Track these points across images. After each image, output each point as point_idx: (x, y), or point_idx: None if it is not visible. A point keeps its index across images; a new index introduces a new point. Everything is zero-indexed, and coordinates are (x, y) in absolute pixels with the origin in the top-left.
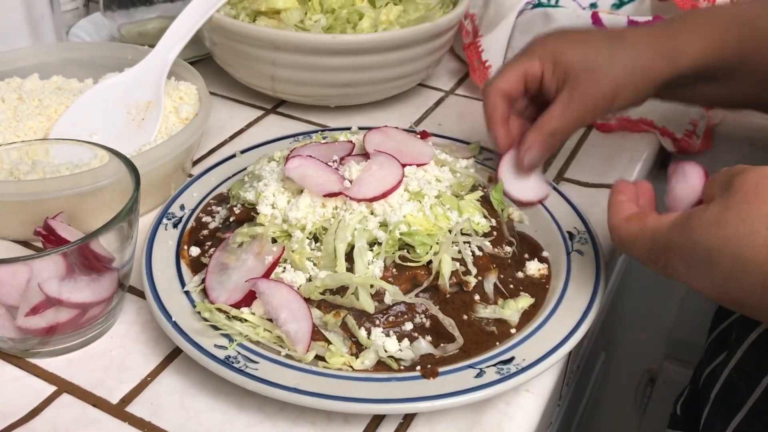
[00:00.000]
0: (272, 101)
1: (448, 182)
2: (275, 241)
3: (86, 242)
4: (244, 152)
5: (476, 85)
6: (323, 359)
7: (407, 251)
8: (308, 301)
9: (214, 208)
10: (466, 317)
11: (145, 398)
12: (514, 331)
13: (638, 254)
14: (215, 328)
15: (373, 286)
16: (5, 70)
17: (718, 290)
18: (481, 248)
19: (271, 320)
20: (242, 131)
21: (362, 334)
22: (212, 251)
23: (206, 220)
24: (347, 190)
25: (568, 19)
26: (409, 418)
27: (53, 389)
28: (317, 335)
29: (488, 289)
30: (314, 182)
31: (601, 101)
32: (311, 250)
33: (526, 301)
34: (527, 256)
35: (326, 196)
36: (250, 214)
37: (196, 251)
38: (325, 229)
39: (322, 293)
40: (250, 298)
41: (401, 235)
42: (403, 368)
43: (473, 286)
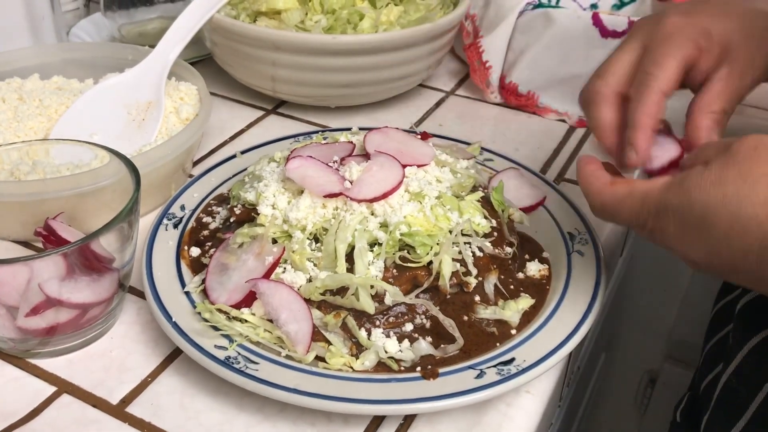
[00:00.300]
0: (273, 102)
1: (448, 183)
2: (275, 241)
3: (87, 243)
4: (244, 153)
5: (477, 85)
6: (323, 360)
7: (407, 252)
8: (308, 301)
9: (214, 208)
10: (466, 318)
11: (145, 399)
12: (514, 332)
13: (625, 218)
14: (215, 328)
15: (373, 286)
16: (6, 70)
17: (709, 254)
18: (481, 249)
19: (271, 321)
20: (243, 132)
21: (362, 334)
22: (212, 252)
23: (207, 220)
24: (348, 190)
25: (568, 19)
26: (409, 419)
27: (53, 390)
28: (317, 336)
29: (489, 289)
30: (315, 183)
31: (760, 71)
32: (311, 250)
33: (526, 302)
34: (528, 256)
35: (327, 196)
36: (250, 214)
37: (196, 252)
38: (325, 229)
39: (322, 294)
40: (250, 298)
41: (402, 235)
42: (403, 369)
43: (473, 286)
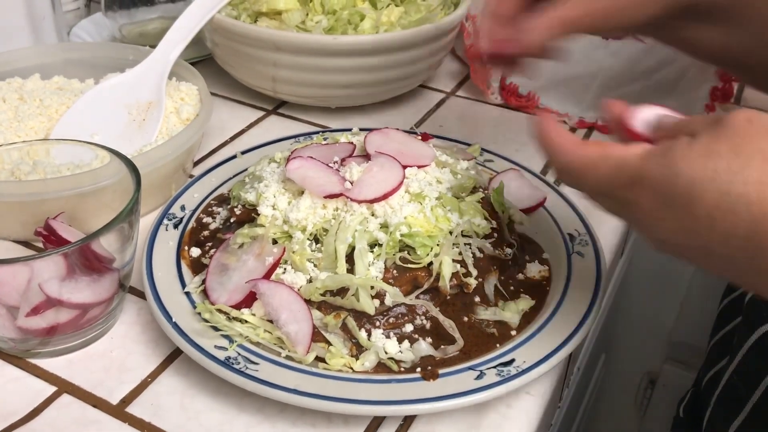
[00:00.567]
0: (273, 102)
1: (448, 184)
2: (276, 242)
3: (87, 243)
4: (244, 153)
5: (477, 86)
6: (323, 360)
7: (408, 253)
8: (308, 302)
9: (214, 208)
10: (466, 319)
11: (145, 399)
12: (514, 333)
13: (592, 185)
14: (215, 329)
15: (373, 287)
16: (6, 70)
17: (685, 234)
18: (481, 250)
19: (271, 321)
20: (243, 132)
21: (362, 335)
22: (213, 252)
23: (207, 220)
24: (348, 191)
25: None
26: (409, 419)
27: (53, 390)
28: (317, 336)
29: (489, 290)
30: (315, 183)
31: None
32: (312, 251)
33: (526, 303)
34: (528, 257)
35: (327, 197)
36: (250, 215)
37: (196, 252)
38: (325, 230)
39: (322, 294)
40: (250, 299)
41: (402, 236)
42: (403, 370)
43: (474, 287)
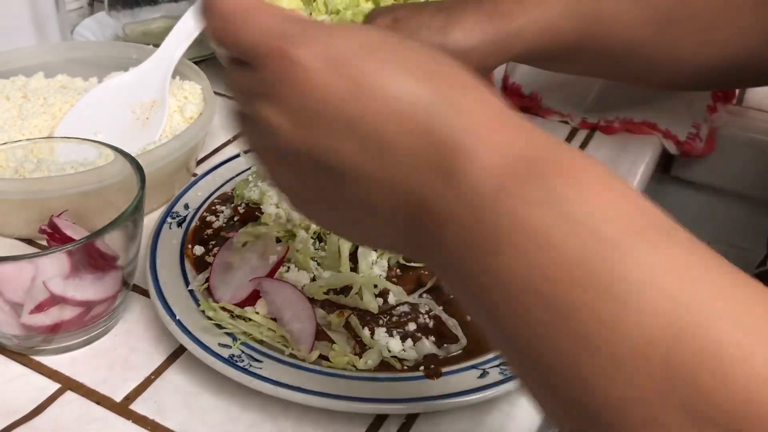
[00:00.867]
0: None
1: None
2: (279, 240)
3: (91, 240)
4: (248, 152)
5: None
6: (327, 359)
7: None
8: (312, 300)
9: (218, 207)
10: (469, 317)
11: (148, 396)
12: None
13: (252, 37)
14: (219, 326)
15: (377, 286)
16: (10, 68)
17: (296, 125)
18: None
19: (275, 319)
20: None
21: (366, 333)
22: (216, 250)
23: (210, 219)
24: None
25: None
26: (411, 417)
27: (57, 387)
28: (321, 335)
29: None
30: None
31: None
32: (315, 249)
33: None
34: None
35: None
36: (254, 213)
37: (200, 250)
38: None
39: (326, 293)
40: (254, 297)
41: None
42: (406, 368)
43: None
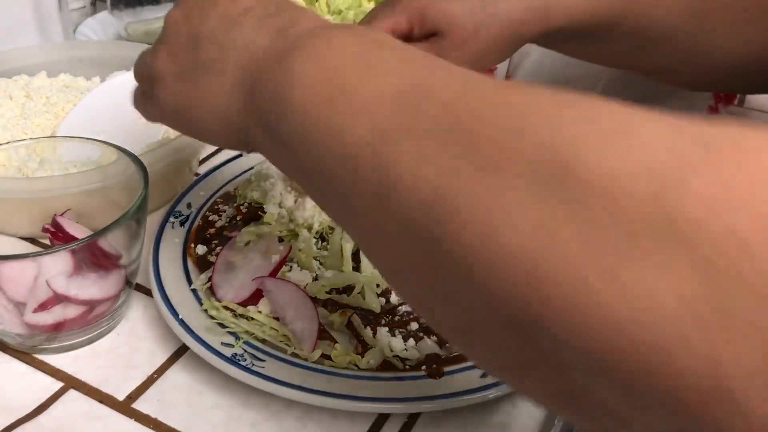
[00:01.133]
0: None
1: None
2: (282, 240)
3: (94, 239)
4: (250, 151)
5: None
6: (329, 358)
7: None
8: (314, 300)
9: (220, 206)
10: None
11: (151, 395)
12: None
13: None
14: (222, 325)
15: (379, 285)
16: (13, 67)
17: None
18: None
19: (277, 319)
20: None
21: (368, 333)
22: (219, 250)
23: (213, 218)
24: None
25: None
26: (413, 417)
27: (60, 385)
28: (323, 334)
29: None
30: None
31: (469, 58)
32: (318, 249)
33: None
34: None
35: None
36: (257, 213)
37: (202, 249)
38: (331, 228)
39: (328, 292)
40: (256, 296)
41: None
42: (408, 368)
43: None
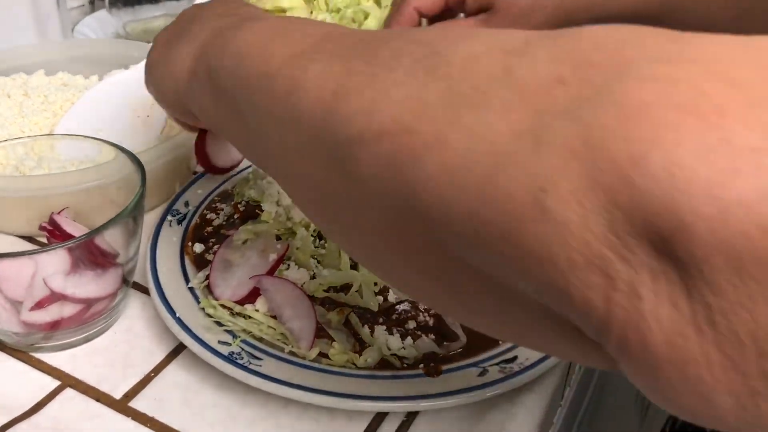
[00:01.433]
0: None
1: None
2: (279, 238)
3: (91, 237)
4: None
5: None
6: (326, 356)
7: None
8: (312, 298)
9: (218, 205)
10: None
11: (148, 394)
12: None
13: None
14: (219, 324)
15: (377, 283)
16: (11, 66)
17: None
18: None
19: (274, 317)
20: None
21: (365, 331)
22: (216, 248)
23: (211, 217)
24: None
25: None
26: (411, 415)
27: (57, 384)
28: (321, 332)
29: None
30: None
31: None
32: (315, 247)
33: None
34: None
35: None
36: (254, 211)
37: (200, 248)
38: None
39: (326, 291)
40: (254, 294)
41: None
42: (406, 366)
43: None
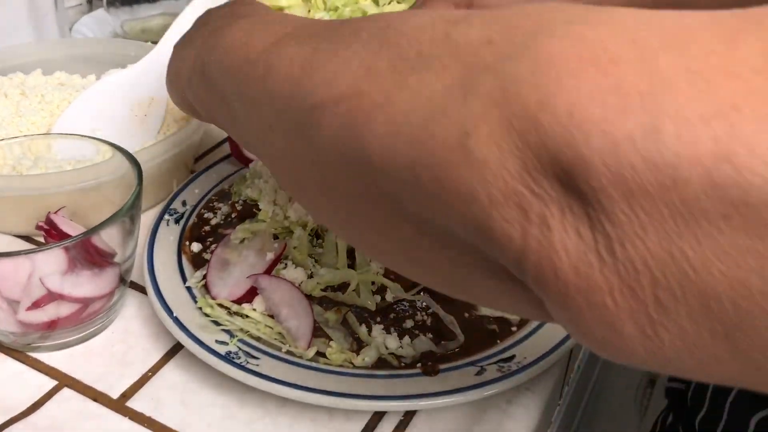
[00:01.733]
0: None
1: None
2: (277, 237)
3: (88, 237)
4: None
5: None
6: (324, 356)
7: None
8: (309, 297)
9: (215, 204)
10: (467, 315)
11: (145, 393)
12: (515, 329)
13: None
14: (216, 323)
15: (374, 283)
16: (8, 65)
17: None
18: None
19: (272, 316)
20: None
21: (363, 330)
22: (214, 247)
23: (208, 216)
24: None
25: None
26: (409, 414)
27: (54, 383)
28: (318, 332)
29: None
30: None
31: None
32: (313, 246)
33: None
34: None
35: None
36: (251, 210)
37: (197, 247)
38: None
39: (323, 290)
40: (251, 294)
41: None
42: (403, 365)
43: None
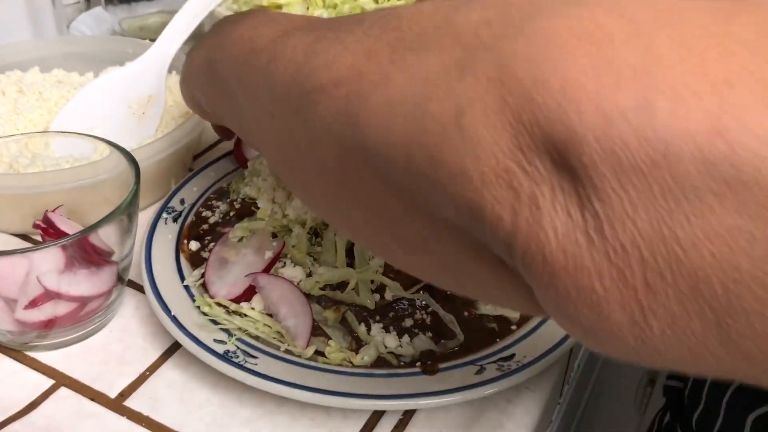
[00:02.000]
0: None
1: None
2: (275, 236)
3: (85, 235)
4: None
5: None
6: (323, 355)
7: None
8: (308, 296)
9: (214, 202)
10: (467, 314)
11: (143, 392)
12: (515, 327)
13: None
14: (214, 322)
15: (373, 281)
16: (6, 63)
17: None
18: None
19: (270, 315)
20: None
21: (362, 329)
22: (212, 246)
23: (206, 214)
24: None
25: None
26: (408, 414)
27: (51, 383)
28: (317, 330)
29: None
30: None
31: None
32: (311, 245)
33: None
34: None
35: None
36: (250, 208)
37: (195, 245)
38: (325, 224)
39: (322, 288)
40: (249, 293)
41: None
42: (403, 364)
43: None
